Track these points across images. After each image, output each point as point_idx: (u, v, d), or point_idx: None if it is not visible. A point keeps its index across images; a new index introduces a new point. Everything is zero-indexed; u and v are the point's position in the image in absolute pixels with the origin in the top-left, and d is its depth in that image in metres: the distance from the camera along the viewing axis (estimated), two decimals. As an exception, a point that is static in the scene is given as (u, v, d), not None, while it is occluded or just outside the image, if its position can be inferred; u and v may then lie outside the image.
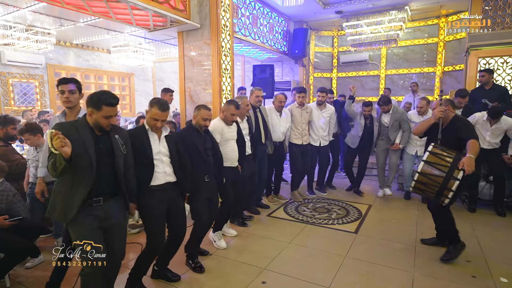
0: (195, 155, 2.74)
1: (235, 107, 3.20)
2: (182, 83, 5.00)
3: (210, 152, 2.89)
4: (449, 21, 7.36)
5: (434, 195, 2.69)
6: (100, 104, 1.92)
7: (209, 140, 2.93)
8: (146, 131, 2.37)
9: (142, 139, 2.33)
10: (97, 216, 1.97)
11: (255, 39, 6.26)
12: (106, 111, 1.93)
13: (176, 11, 4.24)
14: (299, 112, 4.65)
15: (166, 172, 2.39)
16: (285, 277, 2.68)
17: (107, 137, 2.05)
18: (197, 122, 2.83)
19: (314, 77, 8.83)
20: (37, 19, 6.08)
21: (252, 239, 3.48)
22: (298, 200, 4.76)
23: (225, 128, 3.25)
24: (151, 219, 2.36)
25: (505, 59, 5.66)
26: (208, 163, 2.84)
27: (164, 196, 2.38)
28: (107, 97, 1.94)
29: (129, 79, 10.14)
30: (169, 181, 2.42)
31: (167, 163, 2.42)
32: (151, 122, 2.34)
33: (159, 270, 2.66)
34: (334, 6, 6.83)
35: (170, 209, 2.45)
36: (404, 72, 8.15)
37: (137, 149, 2.27)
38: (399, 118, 4.65)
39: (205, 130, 2.89)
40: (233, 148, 3.32)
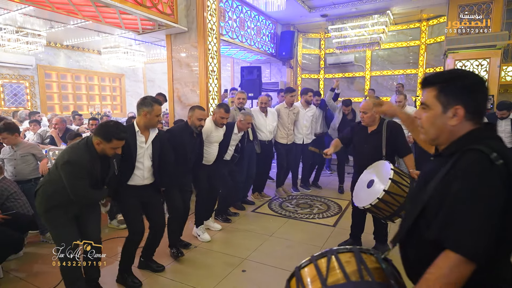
0: (180, 156, 2.88)
1: (224, 110, 3.37)
2: (171, 84, 5.16)
3: (195, 154, 3.06)
4: (430, 25, 7.67)
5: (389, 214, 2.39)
6: (110, 137, 2.09)
7: (198, 144, 3.09)
8: (135, 133, 2.47)
9: (130, 141, 2.42)
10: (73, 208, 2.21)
11: (242, 42, 6.45)
12: (115, 144, 2.12)
13: (164, 15, 4.40)
14: (286, 113, 4.85)
15: (144, 176, 2.53)
16: (264, 266, 2.88)
17: (107, 163, 2.27)
18: (192, 123, 2.98)
19: (302, 78, 9.05)
20: (27, 21, 6.17)
21: (236, 233, 3.66)
22: (282, 196, 4.96)
23: (214, 130, 3.43)
24: (126, 209, 2.52)
25: (480, 61, 5.95)
26: (189, 163, 3.01)
27: (139, 192, 2.53)
28: (119, 131, 2.12)
29: (119, 80, 10.24)
30: (146, 183, 2.56)
31: (148, 167, 2.53)
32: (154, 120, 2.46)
33: (145, 261, 2.81)
34: (320, 10, 7.06)
35: (147, 203, 2.61)
36: (388, 73, 8.42)
37: (122, 149, 2.34)
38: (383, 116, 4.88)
39: (198, 134, 3.03)
40: (213, 151, 3.50)
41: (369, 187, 2.51)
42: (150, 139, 2.53)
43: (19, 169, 3.23)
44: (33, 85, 7.88)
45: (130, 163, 2.44)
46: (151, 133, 2.54)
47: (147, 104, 2.45)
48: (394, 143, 2.77)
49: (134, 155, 2.44)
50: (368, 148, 2.85)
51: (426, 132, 1.09)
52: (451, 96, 1.01)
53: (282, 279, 2.62)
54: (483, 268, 0.88)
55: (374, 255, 1.02)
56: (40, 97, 8.01)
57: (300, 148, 5.12)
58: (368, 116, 2.81)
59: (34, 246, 3.28)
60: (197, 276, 2.73)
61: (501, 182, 0.88)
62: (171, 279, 2.68)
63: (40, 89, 7.98)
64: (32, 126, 5.34)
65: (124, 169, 2.44)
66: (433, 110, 1.04)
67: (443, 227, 0.91)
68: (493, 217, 0.87)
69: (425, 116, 1.07)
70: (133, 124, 2.51)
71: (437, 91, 1.03)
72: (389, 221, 2.48)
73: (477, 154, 0.92)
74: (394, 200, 2.31)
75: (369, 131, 2.88)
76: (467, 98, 1.00)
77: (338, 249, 1.04)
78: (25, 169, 3.26)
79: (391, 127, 2.80)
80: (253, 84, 6.46)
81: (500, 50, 5.80)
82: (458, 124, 1.01)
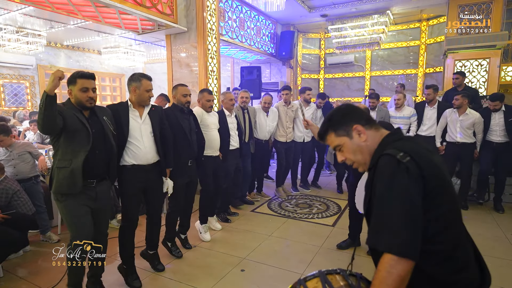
0: (180, 135, 2.82)
1: (207, 93, 3.39)
2: (171, 85, 5.17)
3: (194, 135, 2.98)
4: (430, 25, 7.68)
5: None
6: (74, 78, 2.06)
7: (193, 122, 3.03)
8: (127, 107, 2.43)
9: (121, 114, 2.38)
10: (89, 195, 2.14)
11: (242, 42, 6.46)
12: (81, 83, 2.05)
13: (164, 16, 4.41)
14: (284, 111, 4.86)
15: (146, 151, 2.44)
16: (263, 266, 2.89)
17: (97, 119, 2.17)
18: (178, 100, 2.93)
19: (302, 78, 9.06)
20: (27, 21, 6.18)
21: (235, 233, 3.67)
22: (282, 196, 4.96)
23: (205, 114, 3.40)
24: (126, 193, 2.47)
25: (480, 61, 5.96)
26: (192, 145, 2.92)
27: (142, 175, 2.46)
28: (80, 71, 2.11)
29: (120, 80, 10.25)
30: (151, 162, 2.48)
31: (149, 144, 2.46)
32: (145, 95, 2.42)
33: (147, 252, 2.79)
34: (319, 10, 7.07)
35: (148, 189, 2.54)
36: (388, 73, 8.42)
37: (116, 124, 2.34)
38: (384, 115, 4.88)
39: (188, 111, 2.98)
40: (215, 137, 3.46)
41: None
42: (144, 113, 2.48)
43: (19, 168, 3.24)
44: (33, 85, 7.90)
45: (122, 136, 2.37)
46: (146, 108, 2.50)
47: (135, 79, 2.45)
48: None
49: (126, 128, 2.37)
50: None
51: (356, 161, 1.17)
52: (343, 126, 1.16)
53: (281, 278, 2.65)
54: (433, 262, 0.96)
55: (340, 273, 1.05)
56: (40, 97, 8.01)
57: (300, 147, 5.13)
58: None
59: (34, 245, 3.29)
60: (196, 275, 2.74)
61: (412, 176, 0.95)
62: (170, 278, 2.69)
63: (41, 89, 7.99)
64: (33, 126, 5.36)
65: (120, 143, 2.37)
66: (344, 143, 1.16)
67: (374, 232, 0.98)
68: (412, 211, 0.92)
69: (345, 152, 1.18)
70: (127, 101, 2.49)
71: (333, 132, 1.18)
72: None
73: (386, 157, 1.01)
74: None
75: None
76: (352, 117, 1.16)
77: (306, 277, 1.06)
78: (25, 168, 3.27)
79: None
80: (253, 84, 6.47)
81: (500, 50, 5.80)
82: (368, 138, 1.14)
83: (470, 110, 4.22)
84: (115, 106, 2.48)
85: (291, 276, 2.70)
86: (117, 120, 2.36)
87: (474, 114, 4.19)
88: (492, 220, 3.99)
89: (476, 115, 4.19)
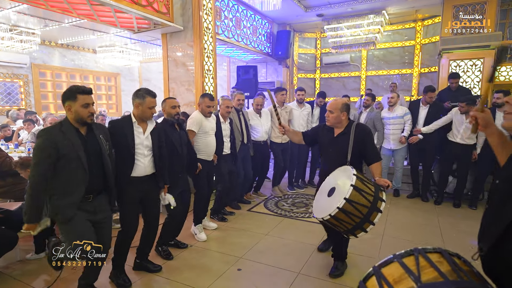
0: (171, 150, 2.84)
1: (209, 98, 3.38)
2: (166, 84, 5.15)
3: (185, 148, 3.01)
4: (425, 25, 7.73)
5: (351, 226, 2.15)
6: (74, 93, 2.01)
7: (184, 135, 3.05)
8: (131, 123, 2.46)
9: (126, 131, 2.42)
10: (88, 210, 2.12)
11: (238, 41, 6.45)
12: (82, 99, 2.01)
13: (160, 14, 4.39)
14: (279, 112, 4.84)
15: (145, 165, 2.50)
16: (260, 265, 2.88)
17: (94, 137, 2.15)
18: (168, 114, 2.94)
19: (298, 78, 9.08)
20: (21, 19, 6.11)
21: (232, 232, 3.66)
22: (278, 195, 4.96)
23: (204, 120, 3.41)
24: (124, 203, 2.49)
25: (474, 61, 6.01)
26: (182, 158, 2.96)
27: (140, 186, 2.50)
28: (80, 86, 2.05)
29: (115, 79, 10.19)
30: (148, 173, 2.54)
31: (148, 156, 2.52)
32: (148, 112, 2.45)
33: (140, 262, 2.78)
34: (316, 10, 7.08)
35: (145, 199, 2.57)
36: (383, 73, 8.47)
37: (119, 140, 2.38)
38: (373, 117, 4.92)
39: (179, 124, 2.99)
40: (212, 142, 3.48)
41: (330, 196, 2.29)
42: (148, 130, 2.52)
43: None
44: (27, 84, 7.81)
45: (129, 152, 2.41)
46: (149, 125, 2.54)
47: (139, 95, 2.46)
48: (362, 148, 2.51)
49: (131, 143, 2.41)
50: (333, 152, 2.59)
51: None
52: None
53: (278, 277, 2.65)
54: None
55: (461, 259, 1.01)
56: (34, 96, 7.95)
57: (296, 147, 5.13)
58: (334, 117, 2.55)
59: (27, 245, 3.24)
60: (193, 274, 2.73)
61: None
62: (167, 278, 2.68)
63: (35, 88, 7.92)
64: (26, 126, 5.31)
65: (124, 161, 2.42)
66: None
67: None
68: None
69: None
70: (130, 115, 2.52)
71: None
72: (352, 236, 2.23)
73: None
74: (356, 211, 2.09)
75: (336, 133, 2.61)
76: None
77: (425, 249, 1.02)
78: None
79: (360, 129, 2.55)
80: (249, 83, 6.47)
81: (494, 50, 5.86)
82: None
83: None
84: (120, 122, 2.51)
85: (288, 275, 2.71)
86: (122, 135, 2.40)
87: None
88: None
89: None
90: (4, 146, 4.96)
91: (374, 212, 2.13)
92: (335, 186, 2.29)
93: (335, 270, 2.70)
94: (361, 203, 2.10)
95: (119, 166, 2.39)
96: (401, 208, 4.46)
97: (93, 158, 2.11)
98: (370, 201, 2.12)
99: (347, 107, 2.56)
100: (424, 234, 3.54)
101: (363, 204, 2.10)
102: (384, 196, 2.21)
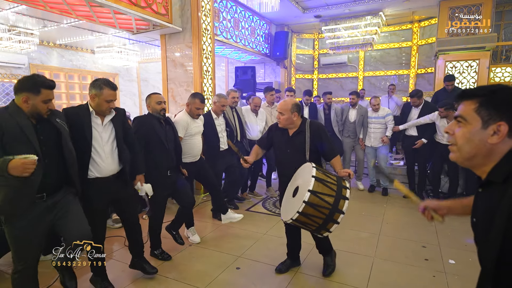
0: (157, 144, 2.74)
1: (200, 100, 3.31)
2: (165, 84, 5.18)
3: (172, 144, 2.89)
4: (421, 26, 7.80)
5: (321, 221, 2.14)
6: (38, 87, 1.80)
7: (170, 131, 2.91)
8: (89, 114, 2.19)
9: (83, 121, 2.15)
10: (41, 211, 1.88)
11: (236, 42, 6.48)
12: (45, 94, 1.82)
13: (158, 16, 4.42)
14: (269, 111, 4.94)
15: (107, 163, 2.25)
16: (258, 263, 2.93)
17: (48, 123, 1.90)
18: (152, 108, 2.81)
19: (296, 79, 9.12)
20: (19, 19, 6.12)
21: (230, 231, 3.70)
22: (273, 195, 5.01)
23: (191, 122, 3.34)
24: (92, 209, 2.23)
25: (469, 63, 6.08)
26: (170, 154, 2.84)
27: (105, 187, 2.27)
28: (44, 79, 1.85)
29: (113, 79, 10.19)
30: (114, 172, 2.30)
31: (109, 153, 2.25)
32: (104, 105, 2.18)
33: (137, 261, 2.70)
34: (313, 11, 7.13)
35: (117, 199, 2.40)
36: (381, 74, 8.53)
37: (75, 131, 2.10)
38: (363, 113, 5.11)
39: (166, 120, 2.89)
40: (197, 144, 3.42)
41: (294, 196, 2.27)
42: (106, 120, 2.26)
43: None
44: (25, 84, 7.80)
45: (86, 145, 2.14)
46: (107, 116, 2.26)
47: (96, 86, 2.17)
48: (319, 145, 2.50)
49: (89, 136, 2.15)
50: (291, 152, 2.53)
51: (459, 149, 0.96)
52: (494, 111, 0.89)
53: (276, 276, 2.69)
54: None
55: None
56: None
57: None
58: (285, 118, 2.49)
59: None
60: (192, 273, 2.77)
61: None
62: (166, 277, 2.71)
63: (33, 88, 7.91)
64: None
65: (81, 155, 2.13)
66: (471, 125, 0.92)
67: None
68: None
69: (460, 131, 0.95)
70: (88, 103, 2.24)
71: (478, 104, 0.91)
72: (325, 232, 2.22)
73: None
74: (323, 202, 2.08)
75: (290, 133, 2.56)
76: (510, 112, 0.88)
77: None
78: None
79: (315, 127, 2.53)
80: (247, 84, 6.52)
81: (489, 51, 5.93)
82: (499, 143, 0.89)
83: None
84: (75, 109, 2.23)
85: (286, 273, 2.75)
86: (79, 126, 2.13)
87: None
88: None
89: None
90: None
91: (340, 200, 2.13)
92: (298, 185, 2.28)
93: (326, 268, 2.72)
94: (325, 193, 2.10)
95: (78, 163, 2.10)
96: (397, 207, 4.52)
97: (47, 147, 1.86)
98: (334, 189, 2.14)
99: (297, 108, 2.52)
100: (420, 233, 3.59)
101: (328, 194, 2.11)
102: (347, 184, 2.23)
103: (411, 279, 2.66)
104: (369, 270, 2.80)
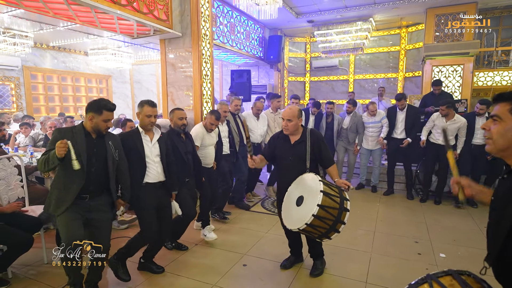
0: (177, 157, 3.03)
1: (215, 117, 3.62)
2: (165, 88, 5.28)
3: (190, 155, 3.22)
4: (409, 32, 8.13)
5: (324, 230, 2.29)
6: (101, 109, 2.27)
7: (189, 144, 3.27)
8: (139, 134, 2.68)
9: (135, 141, 2.63)
10: (83, 207, 2.30)
11: (232, 46, 6.63)
12: (106, 115, 2.29)
13: (160, 21, 4.53)
14: (272, 118, 5.10)
15: (158, 172, 2.71)
16: (263, 260, 3.09)
17: (102, 142, 2.37)
18: (174, 123, 3.17)
19: (289, 81, 9.33)
20: (14, 22, 6.09)
21: (233, 231, 3.85)
22: (272, 196, 5.18)
23: (206, 135, 3.65)
24: (141, 208, 2.65)
25: (455, 67, 6.40)
26: (188, 165, 3.17)
27: (154, 192, 2.69)
28: (107, 103, 2.32)
29: (106, 81, 10.17)
30: (160, 180, 2.74)
31: (158, 163, 2.72)
32: (146, 120, 2.62)
33: (145, 263, 2.87)
34: (306, 16, 7.35)
35: (159, 206, 2.74)
36: (370, 77, 8.84)
37: (130, 150, 2.58)
38: (357, 121, 5.35)
39: (185, 134, 3.22)
40: (211, 153, 3.75)
41: (299, 205, 2.37)
42: (155, 138, 2.73)
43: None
44: (18, 87, 7.74)
45: (141, 160, 2.62)
46: (155, 134, 2.74)
47: (139, 105, 2.67)
48: (318, 154, 2.60)
49: (142, 153, 2.62)
50: (293, 160, 2.62)
51: (494, 142, 1.16)
52: None
53: (282, 272, 2.86)
54: None
55: (471, 276, 1.10)
56: (26, 99, 7.88)
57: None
58: (293, 125, 2.59)
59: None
60: (201, 271, 2.91)
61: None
62: (176, 274, 2.84)
63: (26, 91, 7.85)
64: (24, 129, 5.32)
65: (136, 169, 2.61)
66: (505, 122, 1.13)
67: None
68: None
69: (496, 128, 1.15)
70: (137, 127, 2.71)
71: (511, 106, 1.12)
72: (325, 239, 2.40)
73: None
74: (329, 214, 2.23)
75: (292, 141, 2.65)
76: None
77: (437, 274, 1.11)
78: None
79: (315, 136, 2.63)
80: (243, 87, 6.67)
81: (472, 57, 6.27)
82: None
83: (458, 116, 4.54)
84: (129, 133, 2.72)
85: (291, 269, 2.93)
86: (132, 145, 2.60)
87: (460, 119, 4.51)
88: (467, 214, 4.36)
89: (463, 120, 4.50)
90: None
91: (343, 212, 2.31)
92: (302, 194, 2.39)
93: (315, 270, 2.83)
94: (331, 207, 2.26)
95: (133, 174, 2.59)
96: (389, 206, 4.76)
97: (96, 160, 2.32)
98: (338, 202, 2.29)
99: (301, 113, 2.65)
100: (412, 229, 3.83)
101: (333, 207, 2.27)
102: (347, 196, 2.41)
103: (406, 272, 2.88)
104: (368, 264, 3.01)
